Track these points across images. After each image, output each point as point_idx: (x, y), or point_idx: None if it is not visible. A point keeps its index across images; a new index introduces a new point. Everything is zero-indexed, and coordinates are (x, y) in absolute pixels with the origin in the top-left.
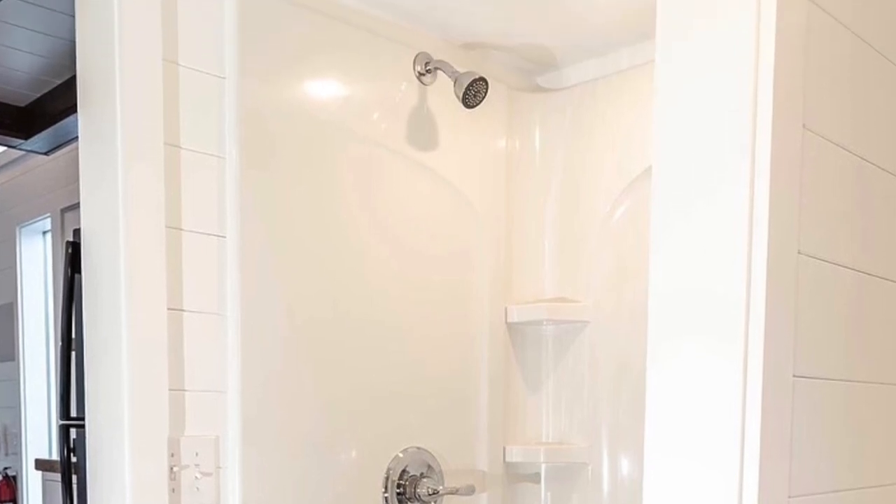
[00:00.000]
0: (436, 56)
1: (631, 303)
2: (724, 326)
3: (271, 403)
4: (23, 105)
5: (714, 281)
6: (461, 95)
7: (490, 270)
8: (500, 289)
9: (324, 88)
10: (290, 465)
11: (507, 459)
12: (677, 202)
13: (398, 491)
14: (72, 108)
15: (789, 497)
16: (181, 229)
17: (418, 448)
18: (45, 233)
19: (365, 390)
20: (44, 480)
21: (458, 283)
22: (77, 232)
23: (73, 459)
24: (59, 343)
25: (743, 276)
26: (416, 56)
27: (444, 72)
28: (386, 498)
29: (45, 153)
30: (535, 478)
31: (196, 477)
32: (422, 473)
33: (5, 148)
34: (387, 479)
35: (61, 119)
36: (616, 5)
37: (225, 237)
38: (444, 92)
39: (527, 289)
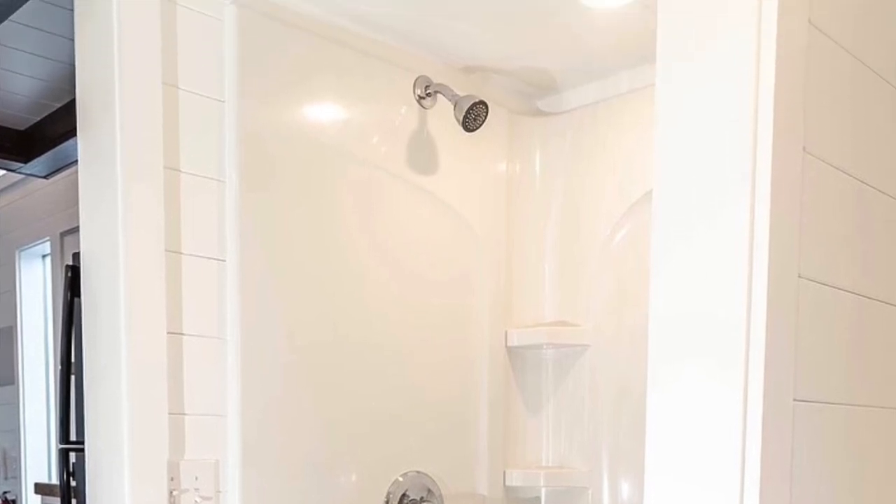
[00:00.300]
0: (436, 79)
1: (631, 326)
2: (724, 350)
3: (271, 427)
4: (22, 129)
5: (714, 304)
6: (461, 119)
7: (490, 294)
8: (500, 312)
9: (323, 112)
10: (291, 488)
11: (508, 483)
12: (678, 226)
13: None
14: (71, 132)
15: None
16: (181, 253)
17: (418, 472)
18: (44, 256)
19: (365, 414)
20: None
21: (458, 307)
22: (77, 256)
23: (73, 483)
24: (59, 367)
25: (743, 300)
26: (416, 79)
27: (444, 95)
28: None
29: (45, 177)
30: (536, 502)
31: (196, 501)
32: (422, 497)
33: (5, 172)
34: (386, 502)
35: (61, 143)
36: (616, 29)
37: (225, 261)
38: (444, 115)
39: (527, 312)
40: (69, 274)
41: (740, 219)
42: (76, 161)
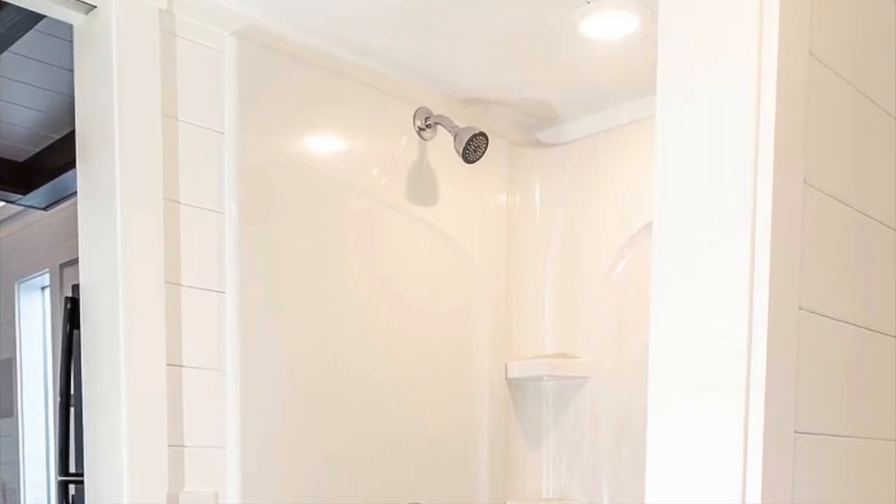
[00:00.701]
0: (436, 111)
1: (631, 358)
2: (725, 382)
3: (271, 459)
4: (21, 160)
5: (715, 336)
6: (461, 150)
7: (490, 326)
8: (500, 344)
9: (323, 143)
10: None
11: None
12: (678, 257)
13: None
14: (70, 164)
15: None
16: (180, 285)
17: None
18: (43, 288)
19: (365, 446)
20: None
21: (458, 339)
22: (76, 287)
23: None
24: (58, 399)
25: (744, 332)
26: (416, 111)
27: (445, 127)
28: None
29: (44, 208)
30: None
31: None
32: None
33: (4, 203)
34: None
35: (60, 174)
36: (616, 60)
37: (224, 293)
38: (444, 147)
39: (527, 344)
40: (68, 306)
41: (741, 250)
42: (75, 192)
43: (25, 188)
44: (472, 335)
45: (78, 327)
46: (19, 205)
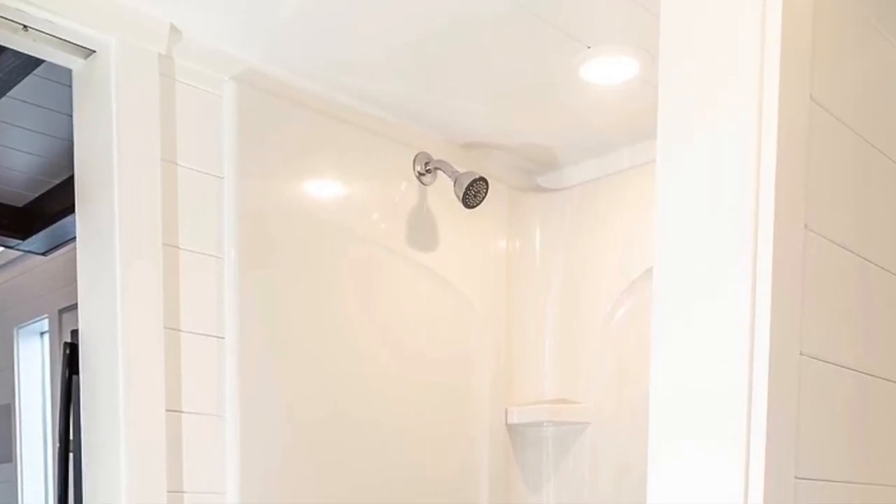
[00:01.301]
0: (436, 156)
1: (632, 404)
2: (725, 428)
3: None
4: (20, 205)
5: (716, 382)
6: (461, 195)
7: (490, 371)
8: (500, 390)
9: (323, 188)
10: None
11: None
12: (678, 303)
13: None
14: (69, 209)
15: None
16: (180, 330)
17: None
18: (42, 334)
19: (365, 491)
20: None
21: (458, 384)
22: (75, 333)
23: None
24: (57, 444)
25: (744, 378)
26: (416, 156)
27: (444, 171)
28: None
29: (43, 254)
30: None
31: None
32: None
33: (3, 248)
34: None
35: (59, 219)
36: (617, 105)
37: (224, 338)
38: (444, 192)
39: (527, 390)
40: (67, 351)
41: (741, 296)
42: (74, 238)
43: (24, 233)
44: (472, 380)
45: (77, 373)
46: (18, 250)
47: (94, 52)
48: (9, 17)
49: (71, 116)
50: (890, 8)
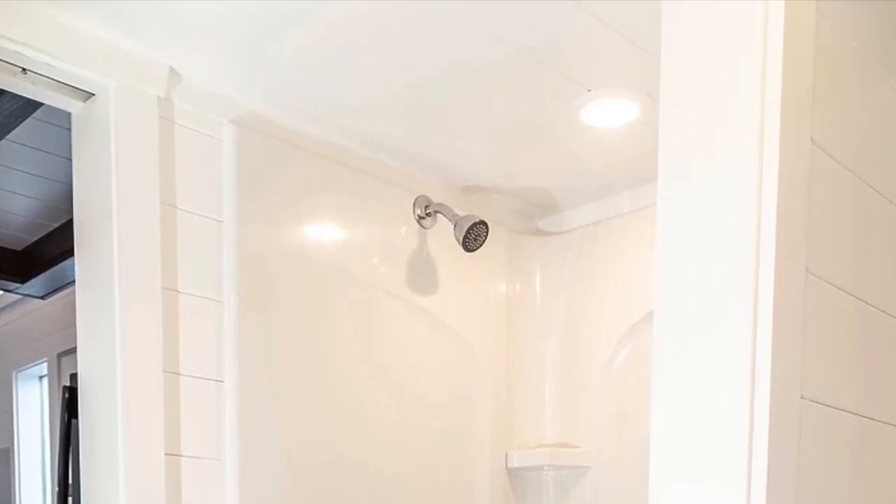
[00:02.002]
0: (436, 199)
1: (632, 447)
2: (726, 472)
3: None
4: (19, 249)
5: (716, 426)
6: (461, 239)
7: (490, 415)
8: (500, 434)
9: (323, 232)
10: None
11: None
12: (679, 347)
13: None
14: (69, 252)
15: None
16: (179, 374)
17: None
18: (41, 377)
19: None
20: None
21: (458, 428)
22: (74, 376)
23: None
24: (56, 489)
25: (745, 421)
26: (416, 199)
27: (445, 215)
28: None
29: (42, 297)
30: None
31: None
32: None
33: (2, 292)
34: None
35: (58, 263)
36: (617, 148)
37: (223, 382)
38: (444, 235)
39: (527, 434)
40: (66, 395)
41: (742, 340)
42: (73, 281)
43: (23, 277)
44: (472, 424)
45: (76, 417)
46: (17, 293)
47: (93, 94)
48: (8, 60)
49: (70, 160)
50: (890, 50)
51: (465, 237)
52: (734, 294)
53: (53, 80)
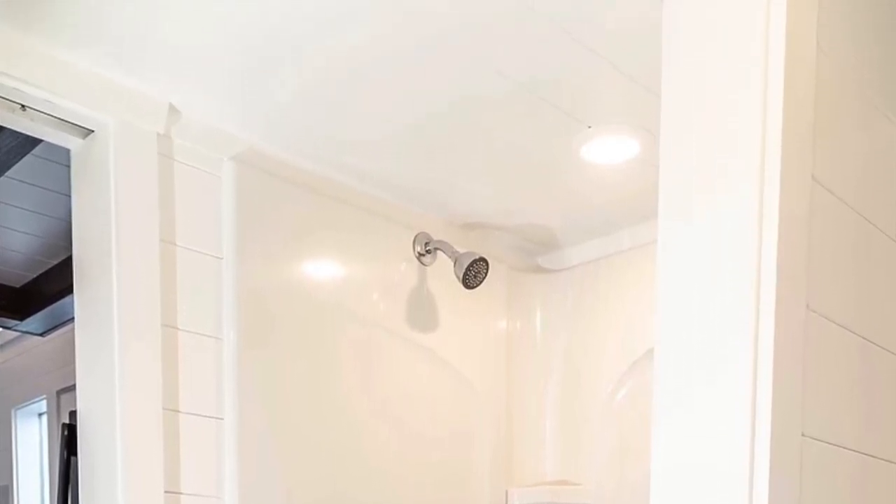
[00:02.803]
0: (436, 236)
1: (633, 484)
2: None
3: None
4: (18, 286)
5: (717, 463)
6: (461, 276)
7: (491, 452)
8: (500, 471)
9: (323, 269)
10: None
11: None
12: (680, 383)
13: None
14: (68, 289)
15: None
16: (178, 411)
17: None
18: (40, 415)
19: None
20: None
21: (458, 465)
22: (73, 414)
23: None
24: None
25: (746, 459)
26: (416, 236)
27: (444, 252)
28: None
29: (41, 334)
30: None
31: None
32: None
33: (1, 329)
34: None
35: (57, 300)
36: (617, 185)
37: (223, 419)
38: (444, 272)
39: (528, 471)
40: (66, 432)
41: (743, 376)
42: (72, 318)
43: (22, 314)
44: (472, 461)
45: (75, 454)
46: (16, 331)
47: (93, 131)
48: (7, 97)
49: (69, 196)
50: (891, 87)
51: (466, 274)
52: (735, 331)
53: (53, 116)
